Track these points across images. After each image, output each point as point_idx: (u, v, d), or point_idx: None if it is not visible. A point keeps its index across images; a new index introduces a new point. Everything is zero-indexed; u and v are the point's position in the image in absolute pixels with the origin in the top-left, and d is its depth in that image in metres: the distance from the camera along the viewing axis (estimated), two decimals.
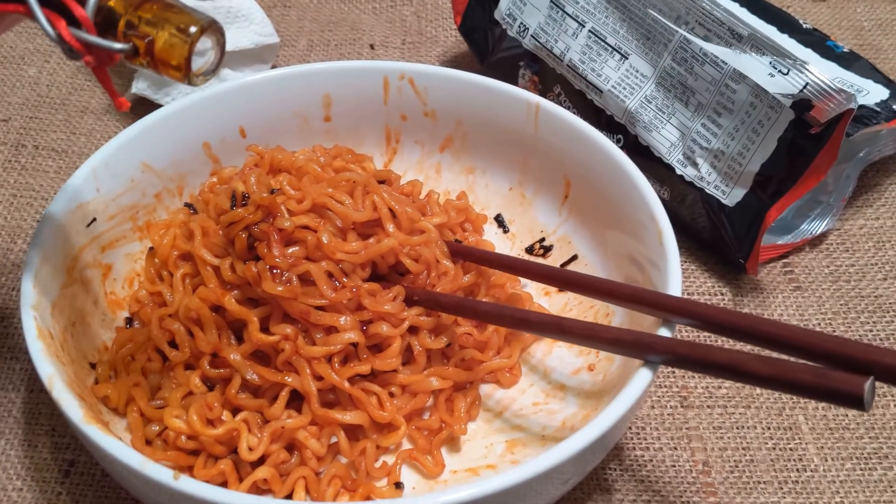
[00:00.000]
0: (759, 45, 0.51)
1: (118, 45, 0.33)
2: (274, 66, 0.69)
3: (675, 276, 0.42)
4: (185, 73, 0.33)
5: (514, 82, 0.62)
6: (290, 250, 0.45)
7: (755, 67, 0.51)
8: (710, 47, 0.52)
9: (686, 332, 0.51)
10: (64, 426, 0.47)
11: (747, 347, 0.48)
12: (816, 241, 0.58)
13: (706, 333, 0.51)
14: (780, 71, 0.50)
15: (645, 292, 0.42)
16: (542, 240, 0.55)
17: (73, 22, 0.32)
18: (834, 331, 0.53)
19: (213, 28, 0.33)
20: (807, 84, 0.49)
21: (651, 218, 0.45)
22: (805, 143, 0.50)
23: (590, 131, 0.51)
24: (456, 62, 0.71)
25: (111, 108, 0.66)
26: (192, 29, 0.33)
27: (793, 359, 0.36)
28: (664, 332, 0.40)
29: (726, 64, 0.51)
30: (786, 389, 0.34)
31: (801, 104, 0.49)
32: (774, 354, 0.37)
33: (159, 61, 0.33)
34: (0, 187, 0.60)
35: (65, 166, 0.62)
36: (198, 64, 0.33)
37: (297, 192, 0.47)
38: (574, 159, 0.52)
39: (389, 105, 0.57)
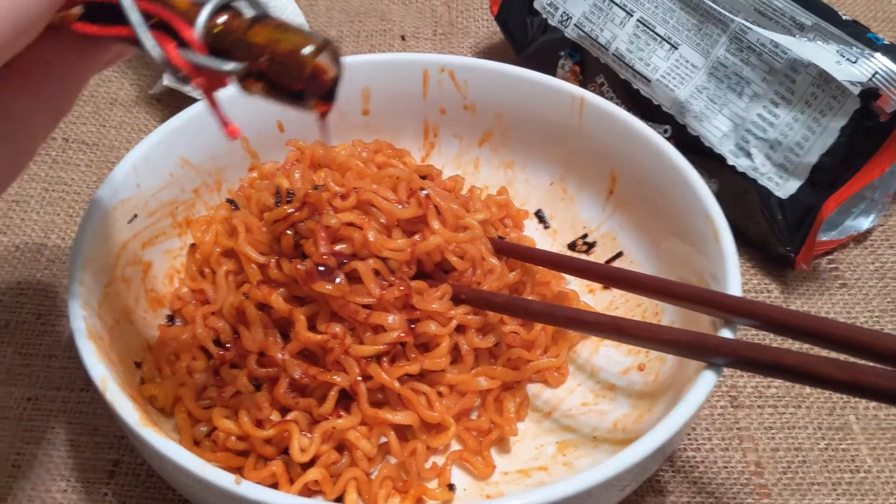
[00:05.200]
0: (824, 33, 0.51)
1: (230, 66, 0.29)
2: None
3: (734, 275, 0.41)
4: (303, 98, 0.30)
5: (553, 73, 0.61)
6: (337, 248, 0.44)
7: (822, 55, 0.50)
8: (773, 35, 0.52)
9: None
10: (107, 425, 0.47)
11: (798, 346, 0.47)
12: (861, 238, 0.57)
13: (753, 332, 0.51)
14: (847, 59, 0.49)
15: (704, 291, 0.41)
16: (585, 236, 0.54)
17: (182, 44, 0.30)
18: (882, 329, 0.52)
19: (329, 48, 0.30)
20: (875, 73, 0.48)
21: (706, 217, 0.44)
22: (869, 133, 0.49)
23: (638, 125, 0.50)
24: (489, 53, 0.70)
25: (140, 99, 0.65)
26: (308, 49, 0.29)
27: (862, 361, 0.35)
28: (726, 333, 0.39)
29: (788, 52, 0.51)
30: (860, 394, 0.33)
31: (869, 93, 0.49)
32: (839, 356, 0.36)
33: (275, 83, 0.30)
34: (31, 181, 0.59)
35: (96, 160, 0.61)
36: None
37: (342, 189, 0.46)
38: (621, 154, 0.51)
39: (428, 98, 0.56)
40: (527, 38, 0.64)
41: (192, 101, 0.60)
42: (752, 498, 0.44)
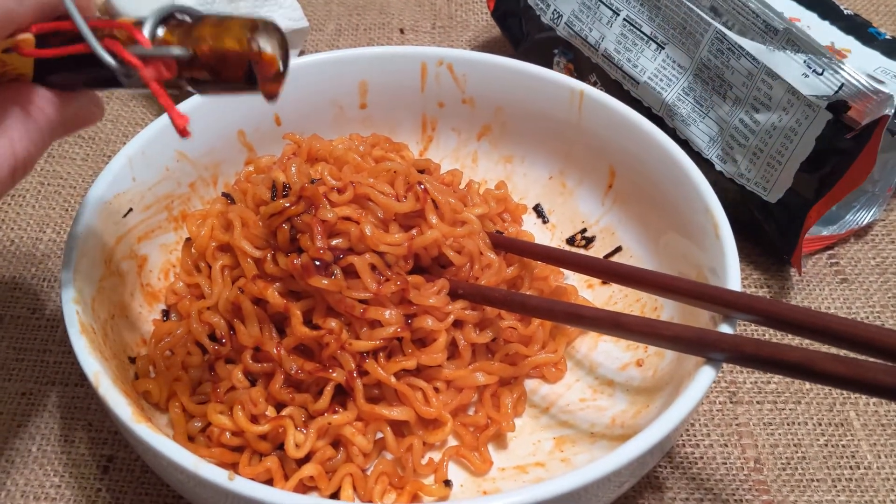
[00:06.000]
0: (794, 40, 0.49)
1: (176, 50, 0.31)
2: (302, 52, 0.67)
3: (733, 270, 0.41)
4: (249, 78, 0.31)
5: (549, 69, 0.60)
6: (334, 242, 0.43)
7: (789, 66, 0.49)
8: (745, 42, 0.51)
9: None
10: (101, 421, 0.46)
11: (798, 342, 0.47)
12: (862, 232, 0.56)
13: (753, 327, 0.50)
14: (814, 71, 0.48)
15: (703, 286, 0.41)
16: (584, 230, 0.54)
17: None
18: (883, 324, 0.51)
19: (267, 26, 0.32)
20: (843, 85, 0.47)
21: (706, 210, 0.44)
22: (844, 144, 0.48)
23: (638, 119, 0.49)
24: (488, 47, 0.69)
25: (137, 93, 0.65)
26: (246, 28, 0.31)
27: (864, 357, 0.34)
28: (725, 329, 0.39)
29: (761, 61, 0.50)
30: (863, 391, 0.33)
31: (838, 106, 0.47)
32: (839, 351, 0.36)
33: (219, 65, 0.31)
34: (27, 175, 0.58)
35: (91, 153, 0.61)
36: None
37: (339, 183, 0.46)
38: (620, 148, 0.51)
39: (426, 92, 0.55)
40: (522, 34, 0.64)
41: (189, 94, 0.59)
42: (751, 494, 0.44)
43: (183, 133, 0.32)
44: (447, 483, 0.42)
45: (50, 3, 0.33)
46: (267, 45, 0.32)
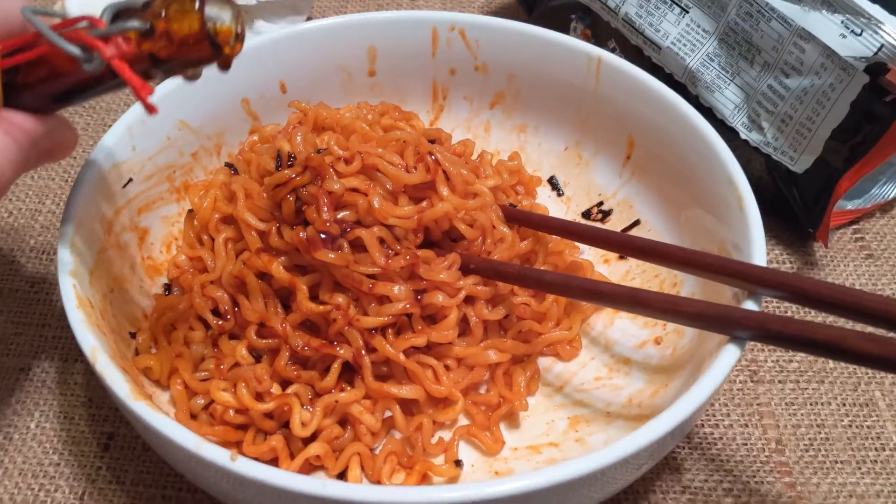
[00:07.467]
0: (830, 1, 0.47)
1: (132, 23, 0.32)
2: (309, 18, 0.65)
3: (759, 244, 0.39)
4: (208, 43, 0.31)
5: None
6: (340, 215, 0.42)
7: (826, 27, 0.47)
8: (777, 3, 0.49)
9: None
10: (102, 398, 0.45)
11: (822, 318, 0.45)
12: (888, 207, 0.55)
13: (775, 304, 0.49)
14: (852, 31, 0.46)
15: (727, 261, 0.39)
16: (601, 203, 0.52)
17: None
18: None
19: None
20: (882, 46, 0.45)
21: (729, 182, 0.42)
22: (880, 109, 0.46)
23: (658, 86, 0.47)
24: (501, 12, 0.67)
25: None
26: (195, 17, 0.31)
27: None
28: (750, 305, 0.37)
29: (794, 22, 0.48)
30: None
31: (876, 68, 0.45)
32: (864, 328, 0.34)
33: (176, 38, 0.31)
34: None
35: (92, 123, 0.59)
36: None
37: (346, 153, 0.44)
38: (639, 117, 0.49)
39: (437, 58, 0.53)
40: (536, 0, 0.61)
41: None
42: (773, 476, 0.43)
43: (149, 109, 0.32)
44: (458, 463, 0.41)
45: (15, 23, 0.34)
46: (224, 18, 0.33)
